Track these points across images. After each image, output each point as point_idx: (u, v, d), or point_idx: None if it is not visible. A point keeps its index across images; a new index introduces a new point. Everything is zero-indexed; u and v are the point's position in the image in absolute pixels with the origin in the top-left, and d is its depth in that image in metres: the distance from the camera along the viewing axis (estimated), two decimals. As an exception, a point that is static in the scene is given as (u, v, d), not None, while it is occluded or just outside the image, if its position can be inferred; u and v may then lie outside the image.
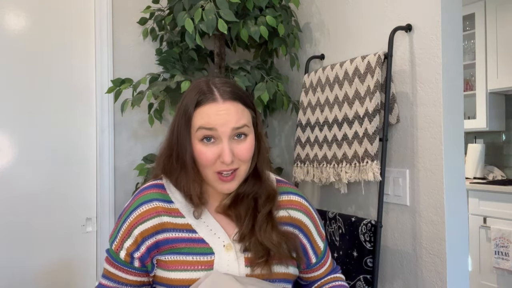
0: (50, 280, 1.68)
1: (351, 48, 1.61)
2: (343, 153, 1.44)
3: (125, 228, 0.82)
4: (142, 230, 0.80)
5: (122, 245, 0.81)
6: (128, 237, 0.81)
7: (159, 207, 0.82)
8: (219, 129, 0.77)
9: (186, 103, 0.81)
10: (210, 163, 0.79)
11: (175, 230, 0.81)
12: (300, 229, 0.89)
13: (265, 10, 1.58)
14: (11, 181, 1.61)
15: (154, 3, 1.87)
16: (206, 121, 0.78)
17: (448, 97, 1.27)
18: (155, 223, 0.81)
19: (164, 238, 0.81)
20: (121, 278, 0.83)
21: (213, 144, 0.78)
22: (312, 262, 0.92)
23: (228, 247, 0.81)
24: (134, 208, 0.83)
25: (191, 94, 0.82)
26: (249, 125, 0.82)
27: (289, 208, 0.89)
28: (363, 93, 1.39)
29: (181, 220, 0.82)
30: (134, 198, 0.85)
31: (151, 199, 0.83)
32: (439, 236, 1.26)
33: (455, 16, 1.31)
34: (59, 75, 1.73)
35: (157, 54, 1.91)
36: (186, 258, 0.79)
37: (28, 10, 1.66)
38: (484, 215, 2.64)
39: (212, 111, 0.78)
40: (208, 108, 0.79)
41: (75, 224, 1.75)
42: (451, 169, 1.27)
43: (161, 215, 0.81)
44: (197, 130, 0.78)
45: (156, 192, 0.85)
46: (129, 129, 1.89)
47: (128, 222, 0.82)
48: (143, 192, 0.85)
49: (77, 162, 1.77)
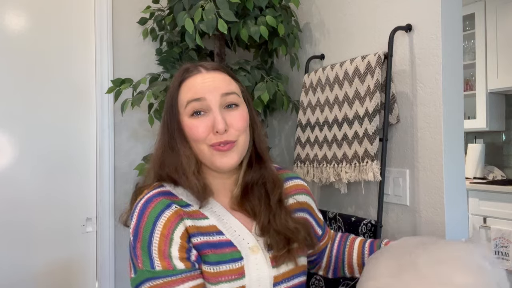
0: (50, 280, 1.68)
1: (351, 48, 1.60)
2: (343, 153, 1.44)
3: (159, 241, 0.69)
4: (181, 233, 0.71)
5: (169, 256, 0.69)
6: (170, 244, 0.70)
7: (180, 210, 0.73)
8: (208, 97, 0.74)
9: (173, 84, 0.79)
10: (203, 136, 0.74)
11: (202, 234, 0.73)
12: (307, 211, 0.91)
13: (265, 10, 1.58)
14: (11, 181, 1.61)
15: (154, 3, 1.87)
16: (193, 92, 0.74)
17: (448, 97, 1.27)
18: (184, 228, 0.72)
19: (200, 242, 0.73)
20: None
21: (204, 117, 0.74)
22: (319, 234, 0.96)
23: (254, 248, 0.76)
24: (157, 217, 0.71)
25: (177, 75, 0.80)
26: (239, 95, 0.79)
27: (296, 194, 0.90)
28: (363, 93, 1.39)
29: (206, 222, 0.75)
30: (147, 208, 0.72)
31: (169, 204, 0.73)
32: (439, 236, 1.26)
33: (455, 16, 1.31)
34: (59, 75, 1.73)
35: (157, 54, 1.91)
36: (221, 268, 0.72)
37: (28, 10, 1.66)
38: (484, 215, 2.64)
39: (197, 82, 0.75)
40: (193, 80, 0.76)
41: (75, 224, 1.75)
42: (451, 169, 1.27)
43: (184, 219, 0.73)
44: (186, 105, 0.75)
45: (167, 198, 0.74)
46: (129, 129, 1.89)
47: (159, 233, 0.70)
48: (153, 201, 0.73)
49: (77, 162, 1.77)
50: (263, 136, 0.85)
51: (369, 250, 0.94)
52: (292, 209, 0.86)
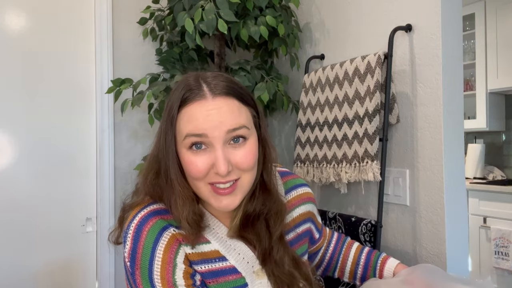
0: (50, 280, 1.68)
1: (351, 48, 1.61)
2: (343, 153, 1.44)
3: (160, 269, 0.63)
4: (182, 259, 0.65)
5: (175, 284, 0.63)
6: (174, 272, 0.64)
7: (178, 235, 0.66)
8: (210, 134, 0.62)
9: (172, 103, 0.66)
10: (201, 175, 0.64)
11: (204, 262, 0.67)
12: (310, 220, 0.88)
13: (265, 10, 1.58)
14: (11, 181, 1.61)
15: (154, 3, 1.87)
16: (194, 126, 0.63)
17: (448, 97, 1.27)
18: (184, 255, 0.66)
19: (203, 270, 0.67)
20: None
21: (204, 152, 0.64)
22: (316, 238, 0.93)
23: (258, 272, 0.71)
24: (155, 244, 0.64)
25: (177, 91, 0.67)
26: (249, 126, 0.67)
27: (301, 204, 0.85)
28: (363, 93, 1.39)
29: (208, 247, 0.68)
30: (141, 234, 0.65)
31: (166, 226, 0.66)
32: (439, 236, 1.26)
33: (455, 16, 1.31)
34: (59, 75, 1.73)
35: (157, 54, 1.91)
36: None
37: (28, 10, 1.66)
38: (484, 215, 2.64)
39: (200, 112, 0.63)
40: (194, 108, 0.63)
41: (75, 224, 1.75)
42: (451, 169, 1.27)
43: (181, 246, 0.66)
44: (185, 138, 0.63)
45: (162, 218, 0.67)
46: (129, 129, 1.89)
47: (159, 261, 0.63)
48: (147, 223, 0.66)
49: (77, 162, 1.77)
50: (272, 163, 0.74)
51: (365, 261, 0.93)
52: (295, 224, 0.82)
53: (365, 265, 0.94)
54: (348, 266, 0.96)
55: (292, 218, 0.82)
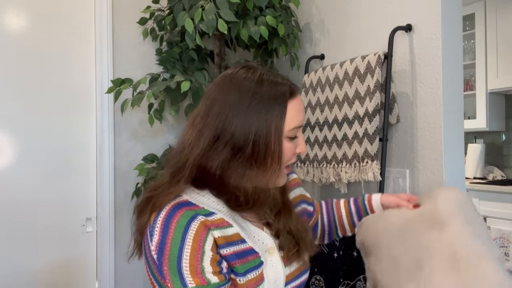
0: (50, 280, 1.68)
1: (351, 48, 1.60)
2: (343, 153, 1.44)
3: (190, 255, 0.65)
4: (211, 245, 0.68)
5: (203, 271, 0.66)
6: (202, 258, 0.66)
7: (206, 221, 0.69)
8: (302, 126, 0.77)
9: (277, 93, 0.71)
10: (290, 158, 0.76)
11: (229, 245, 0.71)
12: (304, 201, 0.97)
13: (265, 10, 1.58)
14: (11, 181, 1.61)
15: (154, 3, 1.87)
16: (299, 120, 0.74)
17: (448, 97, 1.27)
18: (213, 240, 0.69)
19: (229, 253, 0.70)
20: None
21: (294, 139, 0.76)
22: (311, 211, 1.01)
23: (270, 250, 0.76)
24: (185, 231, 0.66)
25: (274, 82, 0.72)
26: None
27: (294, 188, 0.95)
28: (363, 93, 1.39)
29: (231, 230, 0.72)
30: (170, 224, 0.67)
31: (194, 215, 0.68)
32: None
33: (455, 16, 1.31)
34: (59, 75, 1.73)
35: (157, 54, 1.91)
36: (248, 277, 0.70)
37: (28, 10, 1.67)
38: (484, 215, 2.63)
39: (302, 108, 0.76)
40: (298, 101, 0.74)
41: (75, 224, 1.75)
42: (451, 169, 1.27)
43: (211, 230, 0.69)
44: (292, 129, 0.73)
45: (190, 209, 0.70)
46: (129, 129, 1.89)
47: (189, 247, 0.66)
48: (176, 214, 0.68)
49: (77, 162, 1.77)
50: None
51: (356, 208, 1.02)
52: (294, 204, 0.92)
53: (357, 212, 1.02)
54: (345, 220, 1.03)
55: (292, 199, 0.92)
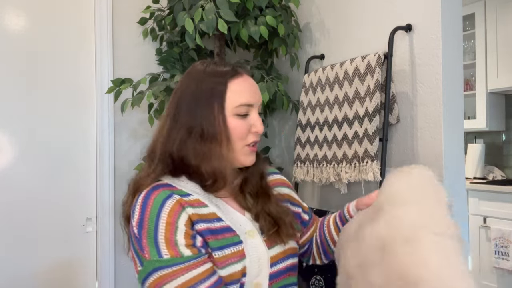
0: (50, 280, 1.68)
1: (351, 48, 1.60)
2: (343, 153, 1.44)
3: (165, 229, 0.72)
4: (185, 221, 0.73)
5: (176, 244, 0.71)
6: (175, 232, 0.72)
7: (181, 200, 0.75)
8: (254, 105, 0.83)
9: (214, 79, 0.81)
10: (244, 135, 0.82)
11: (204, 221, 0.76)
12: (289, 201, 0.98)
13: (265, 10, 1.58)
14: (11, 181, 1.61)
15: (154, 3, 1.87)
16: (246, 97, 0.81)
17: (448, 97, 1.27)
18: (187, 216, 0.74)
19: (202, 228, 0.75)
20: (200, 276, 0.70)
21: (245, 118, 0.82)
22: (306, 219, 1.02)
23: (250, 233, 0.81)
24: (160, 207, 0.73)
25: (213, 71, 0.83)
26: None
27: (277, 187, 0.97)
28: (363, 93, 1.39)
29: (206, 210, 0.78)
30: (149, 200, 0.74)
31: (170, 194, 0.75)
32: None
33: (455, 16, 1.31)
34: (59, 75, 1.73)
35: (157, 54, 1.91)
36: (225, 252, 0.75)
37: (28, 10, 1.66)
38: (484, 215, 2.63)
39: (247, 86, 0.83)
40: (242, 82, 0.82)
41: (75, 224, 1.75)
42: (451, 169, 1.27)
43: (186, 208, 0.75)
44: (237, 106, 0.81)
45: (168, 189, 0.77)
46: (129, 129, 1.89)
47: (164, 222, 0.72)
48: (153, 193, 0.75)
49: (77, 162, 1.77)
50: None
51: (341, 221, 1.02)
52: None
53: (343, 224, 1.02)
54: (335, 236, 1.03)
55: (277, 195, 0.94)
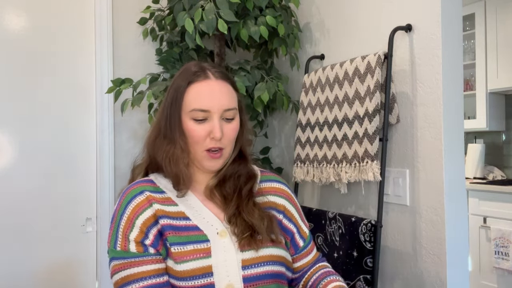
0: (50, 280, 1.68)
1: (351, 48, 1.60)
2: (343, 153, 1.44)
3: (124, 223, 0.80)
4: (143, 219, 0.80)
5: (128, 239, 0.79)
6: (131, 229, 0.79)
7: (150, 196, 0.82)
8: (212, 110, 0.81)
9: (178, 83, 0.84)
10: (201, 140, 0.82)
11: (168, 218, 0.81)
12: (283, 213, 0.93)
13: (265, 10, 1.58)
14: (11, 181, 1.61)
15: (154, 3, 1.87)
16: (200, 103, 0.81)
17: (448, 97, 1.27)
18: (153, 212, 0.81)
19: (165, 223, 0.80)
20: (140, 274, 0.77)
21: (204, 122, 0.82)
22: (300, 245, 0.94)
23: (222, 233, 0.82)
24: (128, 202, 0.82)
25: (182, 75, 0.85)
26: (236, 109, 0.86)
27: (270, 194, 0.93)
28: (363, 93, 1.39)
29: (175, 208, 0.83)
30: (124, 194, 0.84)
31: (142, 191, 0.83)
32: (439, 236, 1.26)
33: (455, 16, 1.31)
34: (59, 75, 1.73)
35: (157, 54, 1.91)
36: (187, 248, 0.78)
37: (28, 10, 1.67)
38: (484, 215, 2.64)
39: (206, 91, 0.82)
40: (201, 85, 0.82)
41: (75, 224, 1.75)
42: (451, 169, 1.27)
43: (153, 204, 0.82)
44: (191, 111, 0.81)
45: (145, 184, 0.85)
46: (129, 129, 1.89)
47: (126, 216, 0.80)
48: (131, 187, 0.85)
49: (77, 162, 1.77)
50: (249, 137, 0.94)
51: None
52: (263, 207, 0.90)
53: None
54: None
55: (263, 202, 0.91)
